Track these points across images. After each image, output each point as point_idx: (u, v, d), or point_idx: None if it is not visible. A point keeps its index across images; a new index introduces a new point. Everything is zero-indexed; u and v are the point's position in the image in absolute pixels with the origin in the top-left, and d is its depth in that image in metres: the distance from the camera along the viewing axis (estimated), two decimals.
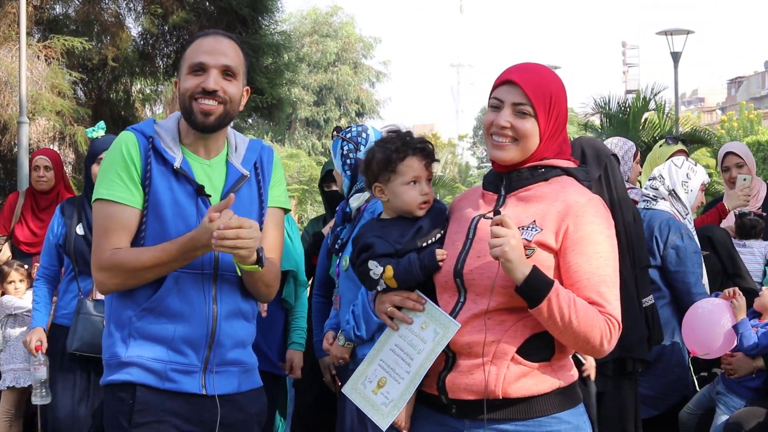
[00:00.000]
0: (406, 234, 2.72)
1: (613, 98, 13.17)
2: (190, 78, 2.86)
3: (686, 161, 5.10)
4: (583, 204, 2.55)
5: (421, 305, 2.64)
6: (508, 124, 2.58)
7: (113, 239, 2.80)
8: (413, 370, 2.59)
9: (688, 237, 4.82)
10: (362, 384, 2.69)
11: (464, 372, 2.55)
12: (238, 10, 12.59)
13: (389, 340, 2.68)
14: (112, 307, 2.87)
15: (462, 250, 2.61)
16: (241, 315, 2.93)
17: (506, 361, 2.51)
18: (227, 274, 2.87)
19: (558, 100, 2.61)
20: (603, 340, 2.47)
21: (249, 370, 2.97)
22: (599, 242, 2.52)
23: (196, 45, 2.90)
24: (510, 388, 2.51)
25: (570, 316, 2.42)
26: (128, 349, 2.80)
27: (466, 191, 2.85)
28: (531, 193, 2.61)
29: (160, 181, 2.81)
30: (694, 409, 4.95)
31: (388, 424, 2.61)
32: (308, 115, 40.20)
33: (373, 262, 2.69)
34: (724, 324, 4.63)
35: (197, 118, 2.85)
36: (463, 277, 2.58)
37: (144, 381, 2.79)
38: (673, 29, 22.05)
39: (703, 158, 19.25)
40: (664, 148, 6.21)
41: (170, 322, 2.79)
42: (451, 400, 2.58)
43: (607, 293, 2.49)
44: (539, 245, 2.51)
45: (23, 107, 11.38)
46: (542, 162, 2.62)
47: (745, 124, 29.61)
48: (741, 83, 64.85)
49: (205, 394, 2.82)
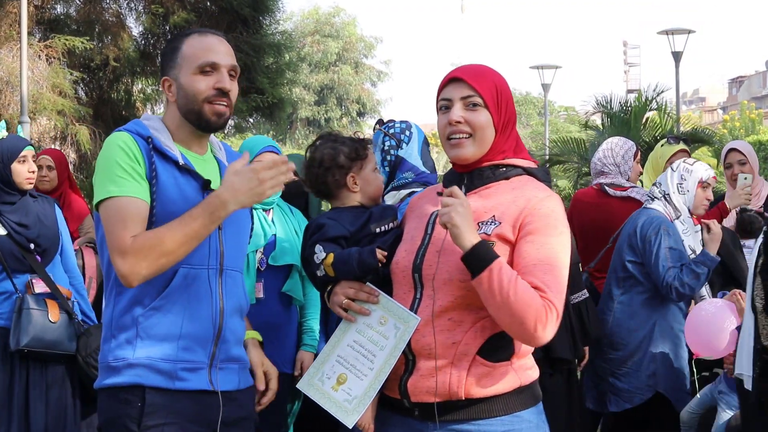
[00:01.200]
0: (359, 219, 2.79)
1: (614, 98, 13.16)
2: (201, 78, 2.80)
3: (682, 162, 5.11)
4: (541, 198, 2.57)
5: (375, 297, 2.64)
6: (462, 118, 2.60)
7: (132, 227, 2.69)
8: (377, 366, 2.57)
9: (666, 233, 4.84)
10: (319, 380, 2.64)
11: (425, 375, 2.55)
12: (239, 10, 12.61)
13: (346, 336, 2.65)
14: (114, 311, 2.81)
15: (420, 246, 2.62)
16: (241, 311, 2.94)
17: (467, 362, 2.51)
18: (231, 269, 2.87)
19: (503, 91, 2.64)
20: (537, 324, 2.44)
21: (246, 367, 2.97)
22: (552, 235, 2.53)
23: (198, 44, 2.83)
24: (472, 389, 2.51)
25: (508, 290, 2.41)
26: (136, 350, 2.74)
27: (424, 191, 2.90)
28: (492, 190, 2.63)
29: (167, 179, 2.77)
30: (696, 409, 4.96)
31: (354, 421, 2.57)
32: (309, 114, 40.23)
33: (320, 246, 2.72)
34: (728, 327, 4.62)
35: (210, 119, 2.82)
36: (421, 272, 2.59)
37: (155, 383, 2.74)
38: (675, 29, 22.04)
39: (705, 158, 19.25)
40: (666, 148, 6.21)
41: (179, 318, 2.76)
42: (413, 403, 2.57)
43: (551, 281, 2.49)
44: (499, 238, 2.53)
45: (24, 107, 11.40)
46: (504, 161, 2.65)
47: (747, 124, 29.60)
48: (742, 83, 64.86)
49: (212, 390, 2.80)
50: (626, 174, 5.77)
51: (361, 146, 2.93)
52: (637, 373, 4.87)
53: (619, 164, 5.75)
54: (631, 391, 4.89)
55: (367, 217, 2.80)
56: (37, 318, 4.69)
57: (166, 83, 2.86)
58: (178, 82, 2.83)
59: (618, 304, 4.94)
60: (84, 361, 4.75)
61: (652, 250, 4.82)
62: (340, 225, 2.77)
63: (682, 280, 4.74)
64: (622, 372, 4.90)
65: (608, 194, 5.61)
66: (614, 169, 5.74)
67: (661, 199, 5.01)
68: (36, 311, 4.69)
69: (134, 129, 2.82)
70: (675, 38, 21.77)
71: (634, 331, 4.88)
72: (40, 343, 4.67)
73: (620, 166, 5.75)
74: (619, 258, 5.00)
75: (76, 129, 12.02)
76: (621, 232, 5.11)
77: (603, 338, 4.94)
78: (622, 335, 4.91)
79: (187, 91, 2.81)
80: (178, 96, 2.84)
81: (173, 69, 2.84)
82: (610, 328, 4.94)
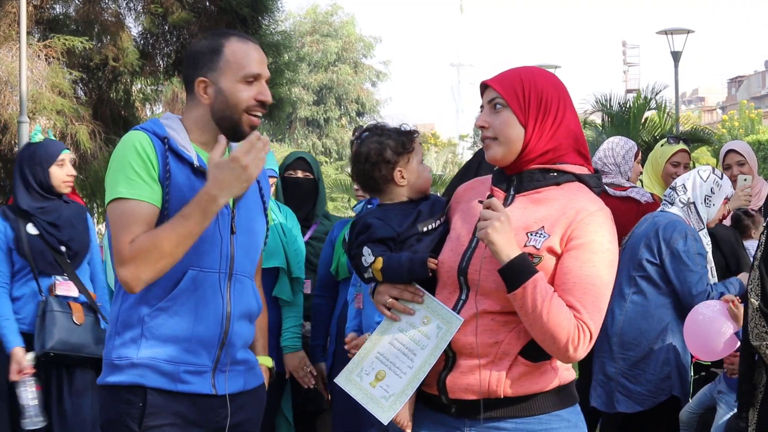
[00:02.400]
0: (407, 217, 2.72)
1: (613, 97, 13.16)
2: (245, 88, 2.79)
3: (712, 174, 4.99)
4: (592, 212, 2.54)
5: (420, 297, 2.62)
6: (486, 123, 2.60)
7: (136, 232, 2.68)
8: (416, 365, 2.56)
9: (693, 239, 4.79)
10: (358, 376, 2.63)
11: (465, 372, 2.53)
12: (238, 10, 12.60)
13: (387, 334, 2.64)
14: (121, 308, 2.80)
15: (468, 248, 2.59)
16: (249, 316, 2.93)
17: (508, 362, 2.50)
18: (241, 274, 2.86)
19: (530, 83, 2.59)
20: (569, 345, 2.44)
21: (252, 367, 2.97)
22: (597, 252, 2.51)
23: (241, 50, 2.80)
24: (512, 388, 2.51)
25: (542, 309, 2.41)
26: (140, 350, 2.74)
27: (473, 181, 2.84)
28: (541, 196, 2.59)
29: (181, 180, 2.76)
30: (695, 408, 4.95)
31: (390, 417, 2.56)
32: (308, 114, 40.21)
33: (368, 249, 2.68)
34: (725, 330, 4.61)
35: (244, 130, 2.81)
36: (467, 276, 2.56)
37: (157, 384, 2.74)
38: (674, 28, 22.05)
39: (704, 157, 19.26)
40: (666, 148, 6.20)
41: (185, 321, 2.75)
42: (451, 400, 2.57)
43: (588, 302, 2.47)
44: (548, 251, 2.51)
45: (24, 107, 11.40)
46: (555, 166, 2.61)
47: (746, 124, 29.62)
48: (741, 82, 64.85)
49: (214, 394, 2.80)
50: (626, 174, 5.76)
51: (408, 139, 2.84)
52: (652, 376, 4.81)
53: (620, 164, 5.73)
54: (644, 393, 4.82)
55: (415, 216, 2.73)
56: (62, 320, 4.62)
57: (202, 84, 2.82)
58: (218, 87, 2.81)
59: (630, 303, 4.87)
60: None
61: (679, 254, 4.75)
62: (388, 226, 2.70)
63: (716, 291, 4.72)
64: (634, 374, 4.83)
65: (608, 194, 5.59)
66: (614, 168, 5.72)
67: (684, 207, 4.93)
68: (60, 313, 4.63)
69: (151, 128, 2.81)
70: (674, 38, 21.78)
71: (646, 332, 4.82)
72: (65, 346, 4.60)
73: (620, 166, 5.73)
74: (633, 257, 4.92)
75: (76, 129, 12.01)
76: (634, 231, 5.06)
77: (611, 338, 4.90)
78: (633, 335, 4.84)
79: (228, 98, 2.80)
80: (215, 100, 2.82)
81: (213, 72, 2.81)
82: (620, 326, 4.88)
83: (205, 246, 2.77)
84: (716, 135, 17.15)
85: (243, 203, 2.88)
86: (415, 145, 2.84)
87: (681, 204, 4.94)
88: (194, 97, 2.85)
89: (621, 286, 4.94)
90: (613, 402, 4.90)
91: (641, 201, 5.59)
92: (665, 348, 4.83)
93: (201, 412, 2.80)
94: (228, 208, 2.82)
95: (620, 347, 4.88)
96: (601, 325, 2.52)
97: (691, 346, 4.78)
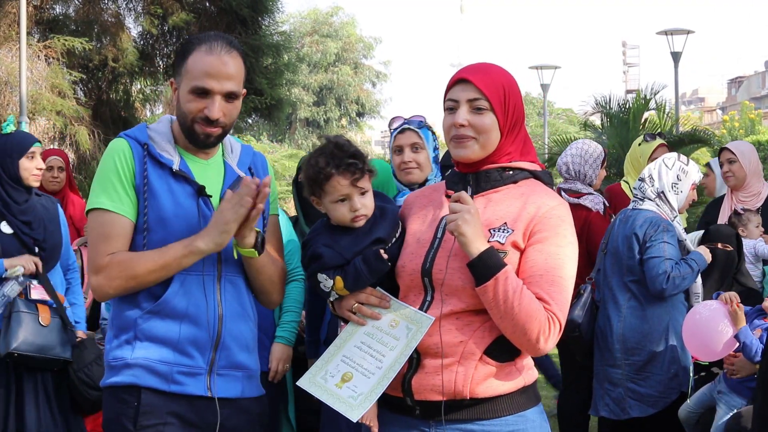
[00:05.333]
0: (360, 242, 2.68)
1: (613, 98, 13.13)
2: (193, 100, 2.79)
3: (677, 161, 5.04)
4: (551, 206, 2.57)
5: (387, 302, 2.62)
6: (466, 122, 2.58)
7: (113, 244, 2.78)
8: (386, 364, 2.56)
9: (666, 231, 4.83)
10: (322, 378, 2.63)
11: (430, 373, 2.53)
12: (238, 11, 12.61)
13: (353, 337, 2.64)
14: (115, 311, 2.85)
15: (430, 249, 2.60)
16: (246, 317, 2.92)
17: (474, 361, 2.50)
18: (231, 275, 2.87)
19: (511, 92, 2.62)
20: (540, 336, 2.46)
21: (252, 376, 2.96)
22: (561, 245, 2.53)
23: (200, 61, 2.78)
24: (477, 389, 2.51)
25: (513, 301, 2.42)
26: (134, 350, 2.78)
27: (424, 188, 2.86)
28: (501, 195, 2.62)
29: (159, 186, 2.79)
30: (695, 408, 4.95)
31: (360, 415, 2.55)
32: (308, 115, 40.20)
33: (323, 275, 2.67)
34: (722, 330, 4.62)
35: (198, 138, 2.83)
36: (431, 277, 2.57)
37: (149, 384, 2.77)
38: (673, 29, 22.02)
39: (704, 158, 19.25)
40: (645, 146, 6.20)
41: (176, 323, 2.78)
42: (416, 401, 2.56)
43: (556, 293, 2.49)
44: (513, 246, 2.52)
45: (23, 107, 11.41)
46: (510, 164, 2.63)
47: (747, 124, 29.59)
48: (741, 83, 64.84)
49: (210, 396, 2.81)
50: (591, 179, 5.80)
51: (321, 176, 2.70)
52: (660, 376, 4.82)
53: (586, 172, 5.77)
54: (655, 395, 4.83)
55: (370, 241, 2.68)
56: (27, 321, 4.56)
57: (173, 85, 2.87)
58: (179, 92, 2.84)
59: (628, 310, 4.88)
60: (76, 375, 4.66)
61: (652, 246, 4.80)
62: (337, 254, 2.67)
63: (679, 271, 4.75)
64: (642, 377, 4.83)
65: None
66: (579, 176, 5.76)
67: (654, 199, 4.96)
68: (26, 314, 4.57)
69: (134, 135, 2.85)
70: (674, 38, 21.75)
71: (648, 335, 4.83)
72: (30, 347, 4.53)
73: (587, 173, 5.77)
74: (619, 261, 4.95)
75: (75, 129, 12.02)
76: (611, 233, 5.06)
77: (612, 345, 4.89)
78: (636, 339, 4.85)
79: (181, 105, 2.83)
80: (177, 103, 2.85)
81: (178, 75, 2.85)
82: (621, 333, 4.87)
83: None
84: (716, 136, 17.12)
85: None
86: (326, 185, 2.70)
87: (652, 196, 4.96)
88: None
89: (614, 293, 4.95)
90: (626, 408, 4.88)
91: (591, 209, 5.61)
92: (669, 347, 4.83)
93: (199, 413, 2.81)
94: (212, 209, 2.82)
95: (624, 353, 4.87)
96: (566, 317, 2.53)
97: (691, 346, 4.77)
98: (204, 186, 2.82)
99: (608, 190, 6.24)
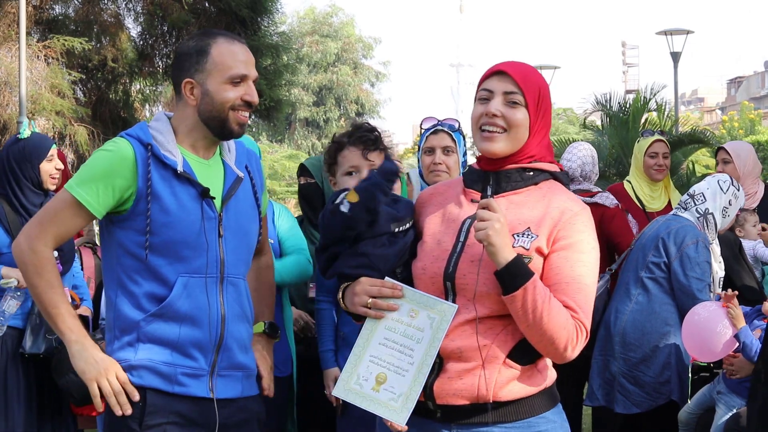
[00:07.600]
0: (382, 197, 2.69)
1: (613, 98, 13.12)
2: (231, 88, 2.81)
3: (731, 185, 4.98)
4: (576, 212, 2.53)
5: (399, 291, 2.55)
6: (499, 112, 2.54)
7: (55, 234, 2.80)
8: (417, 359, 2.49)
9: (704, 246, 4.79)
10: (357, 384, 2.53)
11: (453, 377, 2.50)
12: (238, 11, 12.61)
13: (375, 335, 2.55)
14: (116, 312, 2.83)
15: (453, 252, 2.55)
16: (245, 318, 2.93)
17: (497, 365, 2.48)
18: (233, 277, 2.87)
19: (545, 96, 2.59)
20: (568, 345, 2.45)
21: (251, 375, 2.97)
22: (585, 251, 2.51)
23: (228, 51, 2.82)
24: (501, 392, 2.49)
25: (542, 311, 2.40)
26: (137, 352, 2.79)
27: (439, 185, 2.79)
28: (522, 197, 2.57)
29: (163, 188, 2.78)
30: (695, 408, 4.95)
31: (406, 418, 2.48)
32: (308, 115, 40.17)
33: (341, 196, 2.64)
34: (721, 331, 4.61)
35: (233, 128, 2.84)
36: (454, 281, 2.53)
37: (154, 385, 2.78)
38: (673, 29, 22.03)
39: (704, 158, 19.25)
40: (642, 142, 6.20)
41: (179, 325, 2.78)
42: (438, 405, 2.53)
43: (582, 301, 2.47)
44: (537, 251, 2.49)
45: (23, 107, 11.41)
46: (531, 165, 2.59)
47: (746, 124, 29.63)
48: (741, 83, 64.84)
49: (212, 397, 2.83)
50: (594, 180, 5.91)
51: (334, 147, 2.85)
52: (650, 378, 4.81)
53: (588, 173, 5.83)
54: (642, 396, 4.83)
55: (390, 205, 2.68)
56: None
57: (189, 85, 2.84)
58: (204, 88, 2.82)
59: (636, 304, 4.87)
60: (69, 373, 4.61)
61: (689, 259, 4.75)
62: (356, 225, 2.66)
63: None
64: (633, 375, 4.83)
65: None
66: (582, 176, 5.80)
67: (700, 217, 4.91)
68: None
69: (136, 135, 2.83)
70: (674, 39, 21.76)
71: (648, 334, 4.83)
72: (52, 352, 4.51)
73: (589, 173, 5.83)
74: (642, 258, 4.93)
75: (75, 129, 12.02)
76: (644, 233, 5.06)
77: (613, 337, 4.90)
78: (635, 336, 4.84)
79: (214, 99, 2.82)
80: (201, 101, 2.83)
81: (200, 73, 2.83)
82: (623, 326, 4.87)
83: (189, 252, 2.79)
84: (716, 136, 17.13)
85: (233, 204, 2.88)
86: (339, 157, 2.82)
87: (697, 214, 4.92)
88: (182, 98, 2.87)
89: (628, 285, 4.95)
90: (612, 401, 4.90)
91: (609, 206, 5.63)
92: (666, 351, 4.82)
93: (202, 413, 2.83)
94: (215, 212, 2.82)
95: (621, 346, 4.88)
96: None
97: (689, 347, 4.77)
98: (208, 188, 2.81)
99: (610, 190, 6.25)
